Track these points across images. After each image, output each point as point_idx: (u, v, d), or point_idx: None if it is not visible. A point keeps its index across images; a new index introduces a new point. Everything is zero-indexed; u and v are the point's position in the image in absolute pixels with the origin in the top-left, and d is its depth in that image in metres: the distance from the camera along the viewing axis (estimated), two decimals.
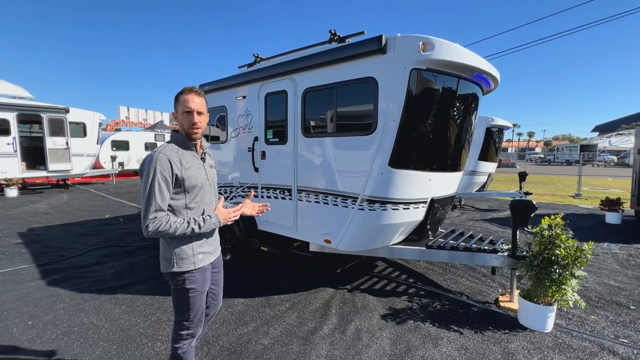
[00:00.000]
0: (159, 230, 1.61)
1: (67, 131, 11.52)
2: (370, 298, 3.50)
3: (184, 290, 1.76)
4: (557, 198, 11.64)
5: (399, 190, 3.16)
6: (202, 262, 1.80)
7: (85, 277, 4.00)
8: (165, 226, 1.62)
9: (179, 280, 1.75)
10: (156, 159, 1.63)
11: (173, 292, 1.81)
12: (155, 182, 1.61)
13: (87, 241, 5.54)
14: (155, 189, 1.61)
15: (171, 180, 1.66)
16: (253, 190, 3.71)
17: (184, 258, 1.73)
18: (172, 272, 1.74)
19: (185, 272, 1.74)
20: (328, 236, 3.55)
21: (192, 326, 1.84)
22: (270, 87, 4.03)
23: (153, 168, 1.62)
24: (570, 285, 2.80)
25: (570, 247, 2.79)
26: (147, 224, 1.60)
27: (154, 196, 1.61)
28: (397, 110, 2.94)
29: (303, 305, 3.33)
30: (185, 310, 1.80)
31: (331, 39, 3.50)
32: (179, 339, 1.84)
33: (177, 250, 1.72)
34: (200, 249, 1.80)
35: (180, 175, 1.68)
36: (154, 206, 1.61)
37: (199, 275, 1.79)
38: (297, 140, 3.74)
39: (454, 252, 3.47)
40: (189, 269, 1.75)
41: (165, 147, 1.72)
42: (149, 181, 1.61)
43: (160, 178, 1.62)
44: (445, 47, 2.86)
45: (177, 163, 1.68)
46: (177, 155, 1.70)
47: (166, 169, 1.64)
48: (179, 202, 1.71)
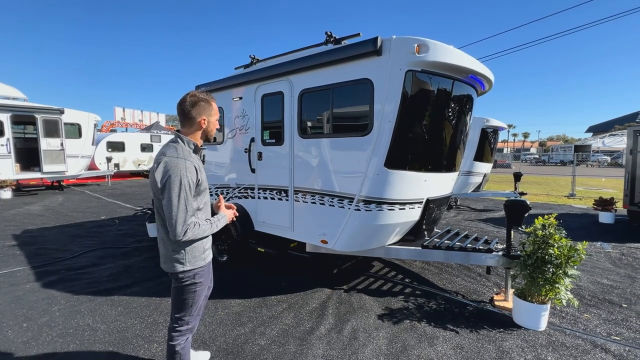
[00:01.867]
0: (195, 234, 1.70)
1: (61, 132, 11.44)
2: (366, 298, 3.52)
3: (193, 285, 1.85)
4: (551, 198, 11.75)
5: (395, 190, 3.19)
6: (209, 257, 1.94)
7: (80, 278, 3.98)
8: (199, 230, 1.72)
9: (189, 277, 1.82)
10: (185, 166, 1.67)
11: (178, 290, 1.86)
12: (187, 188, 1.66)
13: (82, 243, 5.51)
14: (189, 196, 1.67)
15: (194, 184, 1.72)
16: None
17: (196, 256, 1.82)
18: (184, 271, 1.80)
19: (200, 267, 1.85)
20: (325, 237, 3.57)
21: (191, 320, 1.93)
22: (267, 89, 4.04)
23: (184, 175, 1.65)
24: (564, 284, 2.84)
25: (564, 247, 2.83)
26: (185, 229, 1.65)
27: (188, 202, 1.66)
28: (392, 112, 2.97)
29: (300, 305, 3.34)
30: (190, 305, 1.88)
31: (327, 40, 3.52)
32: (178, 335, 1.90)
33: (189, 249, 1.79)
34: (207, 246, 1.92)
35: (199, 179, 1.76)
36: (190, 212, 1.68)
37: (207, 269, 1.93)
38: (294, 141, 3.75)
39: (449, 252, 3.50)
40: (200, 265, 1.85)
41: (184, 151, 1.74)
42: (181, 188, 1.64)
43: (190, 184, 1.68)
44: (440, 49, 2.90)
45: (199, 168, 1.76)
46: (196, 161, 1.78)
47: (193, 176, 1.71)
48: (194, 204, 1.75)
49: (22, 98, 11.79)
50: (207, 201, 1.88)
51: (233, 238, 4.36)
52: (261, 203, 4.25)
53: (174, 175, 1.63)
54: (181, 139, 1.79)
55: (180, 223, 1.64)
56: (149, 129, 26.59)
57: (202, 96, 1.80)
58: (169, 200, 1.63)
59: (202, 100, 1.79)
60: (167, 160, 1.67)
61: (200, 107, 1.78)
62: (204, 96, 1.81)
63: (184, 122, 1.82)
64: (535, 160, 47.51)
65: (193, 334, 2.04)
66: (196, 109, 1.78)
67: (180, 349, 1.90)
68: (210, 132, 1.88)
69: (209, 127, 1.84)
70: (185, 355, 1.93)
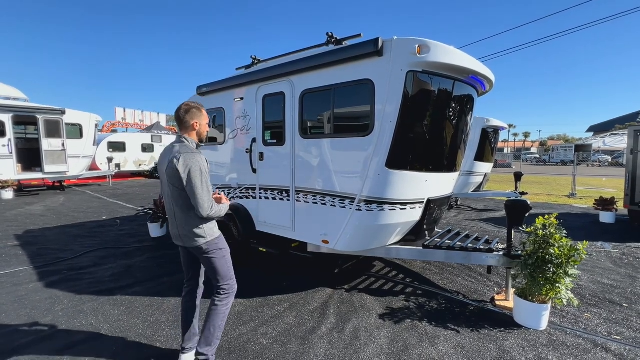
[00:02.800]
0: (218, 210, 2.12)
1: (63, 132, 11.47)
2: (368, 298, 3.53)
3: (219, 251, 2.24)
4: (552, 198, 11.76)
5: (396, 190, 3.20)
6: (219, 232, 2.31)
7: (83, 278, 4.00)
8: (218, 207, 2.14)
9: (213, 245, 2.21)
10: (199, 161, 2.08)
11: (211, 259, 2.21)
12: (205, 175, 2.08)
13: (84, 243, 5.53)
14: (208, 182, 2.10)
15: (207, 173, 2.13)
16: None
17: (212, 228, 2.22)
18: (208, 242, 2.18)
19: (217, 237, 2.24)
20: (326, 237, 3.58)
21: (234, 282, 2.32)
22: (268, 89, 4.06)
23: (202, 165, 2.07)
24: (564, 283, 2.85)
25: (564, 246, 2.84)
26: (211, 205, 2.07)
27: (208, 185, 2.09)
28: (393, 112, 2.98)
29: (301, 305, 3.36)
30: (227, 268, 2.28)
31: (328, 41, 3.53)
32: (227, 296, 2.27)
33: (207, 225, 2.19)
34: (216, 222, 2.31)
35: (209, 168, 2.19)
36: (210, 192, 2.11)
37: (223, 238, 2.32)
38: (295, 141, 3.77)
39: (450, 252, 3.52)
40: (217, 235, 2.25)
41: (194, 148, 2.18)
42: (203, 176, 2.06)
43: (205, 173, 2.09)
44: (441, 49, 2.91)
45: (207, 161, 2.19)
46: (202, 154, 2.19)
47: (205, 165, 2.12)
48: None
49: (23, 98, 11.83)
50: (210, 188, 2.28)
51: (234, 238, 4.38)
52: (262, 203, 4.27)
53: (194, 166, 2.03)
54: (185, 139, 2.18)
55: (207, 201, 2.06)
56: (150, 129, 26.64)
57: (193, 105, 2.22)
58: (194, 186, 2.02)
59: (193, 108, 2.21)
60: (185, 156, 2.05)
61: (192, 113, 2.19)
62: (195, 104, 2.23)
63: (181, 127, 2.21)
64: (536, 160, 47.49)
65: None
66: (189, 115, 2.18)
67: (226, 309, 2.27)
68: (202, 133, 2.27)
69: (200, 129, 2.24)
70: (226, 316, 2.29)
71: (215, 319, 2.22)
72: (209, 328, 2.22)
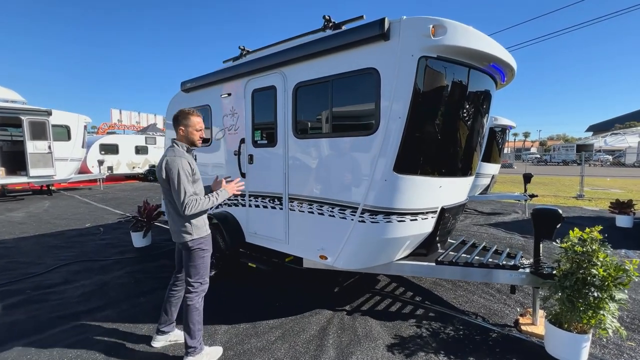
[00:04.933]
0: (194, 207, 2.22)
1: (49, 134, 10.96)
2: (372, 323, 3.05)
3: (201, 251, 2.38)
4: (559, 200, 11.29)
5: (406, 198, 2.73)
6: (209, 230, 2.49)
7: (47, 300, 3.50)
8: (197, 204, 2.24)
9: (198, 244, 2.36)
10: (180, 162, 2.24)
11: (190, 257, 2.37)
12: (183, 177, 2.21)
13: (59, 255, 5.03)
14: (185, 180, 2.22)
15: (190, 173, 2.28)
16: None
17: (199, 227, 2.38)
18: (192, 240, 2.34)
19: (203, 236, 2.40)
20: (324, 251, 3.10)
21: (205, 282, 2.44)
22: (258, 83, 3.58)
23: (180, 167, 2.22)
24: (609, 310, 2.38)
25: (609, 265, 2.37)
26: (184, 205, 2.19)
27: (186, 186, 2.22)
28: (403, 106, 2.51)
29: (296, 333, 2.87)
30: (202, 268, 2.40)
31: (325, 26, 3.06)
32: (196, 295, 2.39)
33: (194, 221, 2.35)
34: (206, 221, 2.47)
35: (193, 171, 2.33)
36: (188, 192, 2.22)
37: (209, 239, 2.48)
38: (288, 142, 3.30)
39: (468, 269, 3.04)
40: (203, 235, 2.40)
41: (179, 151, 2.33)
42: (179, 176, 2.20)
43: (186, 172, 2.25)
44: (460, 30, 2.44)
45: (191, 162, 2.32)
46: (189, 157, 2.34)
47: (188, 168, 2.27)
48: (192, 189, 2.29)
49: (21, 101, 11.29)
50: (201, 190, 2.41)
51: (221, 250, 3.90)
52: (252, 212, 3.79)
53: (173, 169, 2.21)
54: (176, 144, 2.39)
55: (183, 201, 2.20)
56: (145, 131, 26.12)
57: (184, 111, 2.41)
58: (174, 187, 2.22)
59: (180, 114, 2.39)
60: (168, 159, 2.26)
61: (178, 119, 2.39)
62: (186, 111, 2.41)
63: (175, 131, 2.43)
64: (537, 160, 47.03)
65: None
66: (177, 121, 2.39)
67: (199, 305, 2.39)
68: (190, 137, 2.41)
69: (187, 134, 2.39)
70: (201, 311, 2.41)
71: (192, 316, 2.36)
72: (188, 324, 2.35)
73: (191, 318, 2.36)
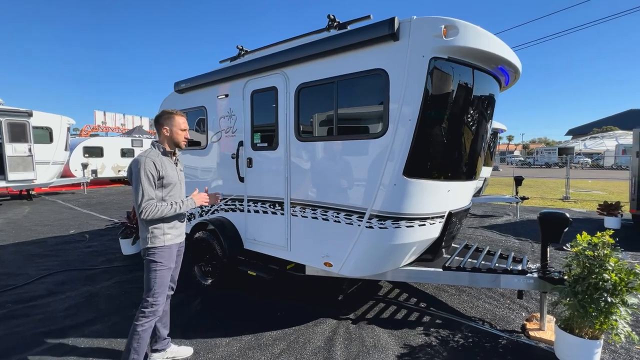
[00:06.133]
0: (151, 212, 2.05)
1: (30, 137, 10.47)
2: (379, 332, 2.95)
3: (154, 263, 2.15)
4: (547, 202, 11.54)
5: (415, 203, 2.65)
6: (170, 242, 2.22)
7: (30, 314, 3.26)
8: (155, 210, 2.07)
9: (150, 254, 2.15)
10: (143, 162, 2.08)
11: (145, 266, 2.17)
12: (144, 178, 2.05)
13: (41, 264, 4.74)
14: (145, 183, 2.05)
15: (154, 176, 2.10)
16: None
17: (156, 235, 2.16)
18: (146, 248, 2.15)
19: (156, 247, 2.15)
20: (328, 258, 3.00)
21: (155, 303, 2.14)
22: (258, 84, 3.46)
23: (142, 168, 2.06)
24: (621, 315, 2.36)
25: (621, 270, 2.35)
26: (141, 209, 2.04)
27: (145, 188, 2.05)
28: (413, 108, 2.44)
29: (301, 344, 2.74)
30: (153, 284, 2.14)
31: (330, 25, 2.98)
32: (142, 316, 2.12)
33: (152, 229, 2.15)
34: (169, 231, 2.22)
35: (161, 174, 2.14)
36: (147, 195, 2.06)
37: (167, 252, 2.20)
38: (290, 145, 3.18)
39: (475, 274, 2.98)
40: (159, 245, 2.16)
41: (150, 152, 2.19)
42: (139, 177, 2.05)
43: (148, 174, 2.07)
44: (471, 31, 2.39)
45: (158, 164, 2.13)
46: (158, 159, 2.16)
47: (152, 169, 2.09)
48: (157, 194, 2.14)
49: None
50: (175, 195, 2.24)
51: (219, 258, 3.73)
52: (251, 217, 3.65)
53: (135, 168, 2.08)
54: (154, 145, 2.25)
55: (139, 204, 2.04)
56: (131, 133, 25.42)
57: (167, 111, 2.26)
58: (134, 187, 2.09)
59: (164, 114, 2.25)
60: (135, 158, 2.13)
61: (162, 119, 2.24)
62: (169, 111, 2.26)
63: (157, 132, 2.29)
64: (521, 162, 48.27)
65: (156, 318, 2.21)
66: (160, 122, 2.24)
67: (141, 330, 2.10)
68: (174, 138, 2.26)
69: (172, 135, 2.24)
70: (144, 338, 2.12)
71: (130, 339, 2.10)
72: (126, 346, 2.12)
73: (129, 341, 2.09)
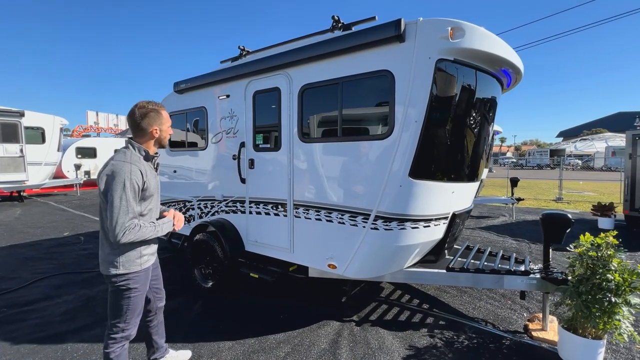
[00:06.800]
0: (135, 236, 1.72)
1: (21, 137, 10.29)
2: (384, 333, 2.94)
3: (128, 290, 1.84)
4: (541, 203, 11.70)
5: (420, 204, 2.65)
6: (147, 263, 1.93)
7: (26, 319, 3.18)
8: (140, 232, 1.74)
9: (123, 281, 1.82)
10: (128, 170, 1.71)
11: (113, 294, 1.86)
12: (129, 190, 1.69)
13: (36, 268, 4.64)
14: (130, 198, 1.70)
15: (140, 188, 1.76)
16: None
17: (131, 260, 1.83)
18: (117, 274, 1.80)
19: (131, 272, 1.83)
20: (332, 260, 2.98)
21: (127, 328, 1.91)
22: (260, 84, 3.44)
23: (127, 177, 1.70)
24: (624, 315, 2.38)
25: (624, 271, 2.38)
26: (124, 230, 1.68)
27: (129, 204, 1.70)
28: (419, 110, 2.44)
29: (306, 347, 2.72)
30: (125, 311, 1.87)
31: (334, 26, 2.97)
32: (113, 342, 1.88)
33: (125, 252, 1.80)
34: (146, 251, 1.91)
35: (145, 184, 1.79)
36: (130, 214, 1.71)
37: (143, 276, 1.91)
38: (293, 146, 3.16)
39: (479, 275, 2.99)
40: (135, 270, 1.84)
41: (132, 156, 1.80)
42: (124, 189, 1.69)
43: (135, 186, 1.72)
44: (478, 33, 2.41)
45: (144, 173, 1.79)
46: (143, 166, 1.81)
47: (138, 179, 1.74)
48: (137, 209, 1.77)
49: None
50: (152, 208, 1.91)
51: (219, 260, 3.69)
52: (253, 219, 3.61)
53: (118, 177, 1.69)
54: (132, 146, 1.86)
55: (120, 224, 1.67)
56: (125, 134, 25.13)
57: (150, 107, 1.87)
58: (111, 202, 1.68)
59: (151, 111, 1.87)
60: (114, 164, 1.74)
61: (150, 118, 1.86)
62: (153, 106, 1.88)
63: (136, 133, 1.88)
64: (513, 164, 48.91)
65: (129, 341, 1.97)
66: (147, 120, 1.85)
67: (114, 356, 1.88)
68: (164, 139, 1.97)
69: (161, 135, 1.93)
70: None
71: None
72: None
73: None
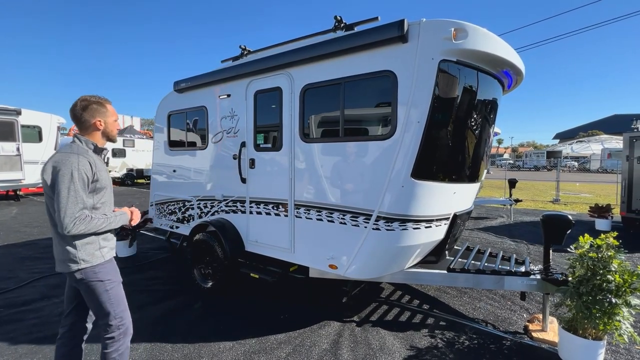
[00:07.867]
0: (84, 226, 1.67)
1: (18, 135, 10.19)
2: (385, 334, 2.94)
3: (101, 283, 1.78)
4: (538, 204, 11.76)
5: (422, 205, 2.66)
6: (109, 255, 1.88)
7: (23, 319, 3.15)
8: (92, 223, 1.70)
9: (92, 276, 1.76)
10: (76, 161, 1.69)
11: (88, 292, 1.79)
12: (77, 181, 1.66)
13: (33, 267, 4.59)
14: (79, 188, 1.67)
15: (89, 180, 1.73)
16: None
17: (90, 253, 1.77)
18: (80, 269, 1.74)
19: (95, 265, 1.77)
20: (333, 260, 2.97)
21: (122, 323, 1.84)
22: (261, 84, 3.43)
23: (75, 168, 1.67)
24: (625, 316, 2.39)
25: (625, 272, 2.39)
26: (74, 221, 1.63)
27: (78, 195, 1.66)
28: (422, 110, 2.45)
29: (307, 348, 2.71)
30: (110, 304, 1.80)
31: (336, 26, 2.97)
32: (112, 342, 1.80)
33: (82, 246, 1.74)
34: (105, 243, 1.85)
35: (95, 177, 1.77)
36: (80, 204, 1.67)
37: (109, 266, 1.86)
38: (295, 146, 3.16)
39: (479, 276, 3.00)
40: (99, 262, 1.79)
41: (79, 148, 1.78)
42: (72, 180, 1.65)
43: (83, 177, 1.69)
44: (480, 34, 2.41)
45: (93, 164, 1.76)
46: (91, 157, 1.78)
47: (87, 169, 1.71)
48: (88, 202, 1.74)
49: None
50: (106, 201, 1.88)
51: (219, 260, 3.67)
52: (253, 219, 3.60)
53: (64, 168, 1.66)
54: (79, 139, 1.83)
55: (70, 215, 1.63)
56: (122, 133, 24.98)
57: (93, 99, 1.86)
58: (58, 193, 1.64)
59: (93, 104, 1.85)
60: (59, 156, 1.71)
61: (92, 110, 1.84)
62: (96, 99, 1.87)
63: (79, 126, 1.87)
64: (510, 165, 49.15)
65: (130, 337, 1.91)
66: (88, 112, 1.84)
67: (117, 355, 1.81)
68: (110, 132, 1.93)
69: (107, 127, 1.90)
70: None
71: None
72: None
73: None
